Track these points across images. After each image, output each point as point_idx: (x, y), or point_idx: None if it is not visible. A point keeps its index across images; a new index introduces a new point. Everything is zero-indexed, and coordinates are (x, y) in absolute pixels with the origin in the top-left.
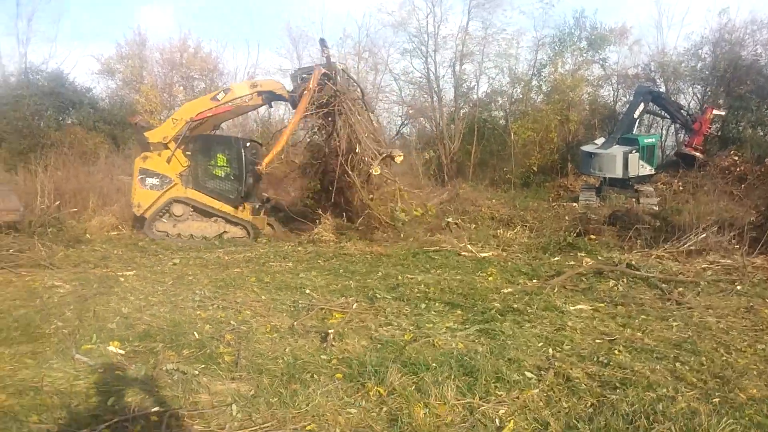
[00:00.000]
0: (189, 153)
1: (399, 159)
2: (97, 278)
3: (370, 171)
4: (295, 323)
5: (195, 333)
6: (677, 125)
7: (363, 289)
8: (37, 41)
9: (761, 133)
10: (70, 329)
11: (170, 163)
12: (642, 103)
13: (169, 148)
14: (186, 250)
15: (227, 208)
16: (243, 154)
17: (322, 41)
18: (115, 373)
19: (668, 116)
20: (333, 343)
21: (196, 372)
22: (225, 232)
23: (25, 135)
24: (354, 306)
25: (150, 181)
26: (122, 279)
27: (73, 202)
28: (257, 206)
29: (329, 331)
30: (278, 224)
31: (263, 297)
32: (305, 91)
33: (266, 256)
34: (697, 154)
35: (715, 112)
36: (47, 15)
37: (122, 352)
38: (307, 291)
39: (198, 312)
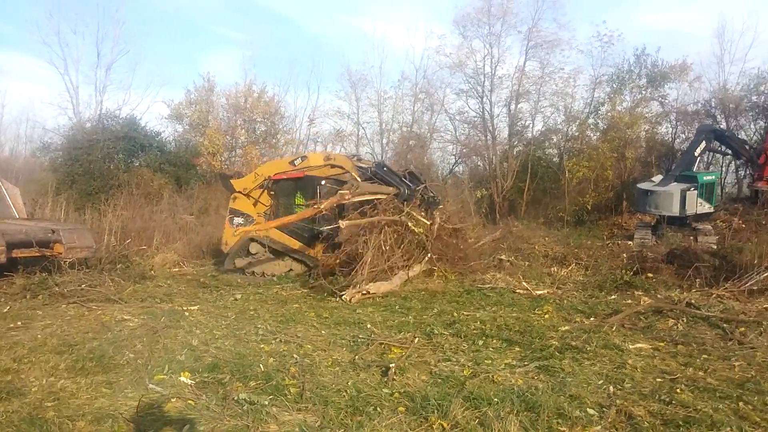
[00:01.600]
0: (272, 193)
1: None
2: (164, 312)
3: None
4: (356, 357)
5: (260, 365)
6: (742, 161)
7: (420, 325)
8: (113, 89)
9: None
10: (143, 360)
11: (256, 204)
12: (704, 141)
13: (251, 197)
14: (245, 286)
15: (302, 247)
16: (318, 192)
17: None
18: (188, 402)
19: (732, 153)
20: (394, 377)
21: (265, 402)
22: (291, 269)
23: (95, 177)
24: (414, 341)
25: (237, 220)
26: (187, 313)
27: (139, 240)
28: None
29: (390, 365)
30: None
31: (323, 332)
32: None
33: (322, 291)
34: None
35: None
36: (124, 64)
37: (192, 382)
38: (368, 326)
39: (261, 345)
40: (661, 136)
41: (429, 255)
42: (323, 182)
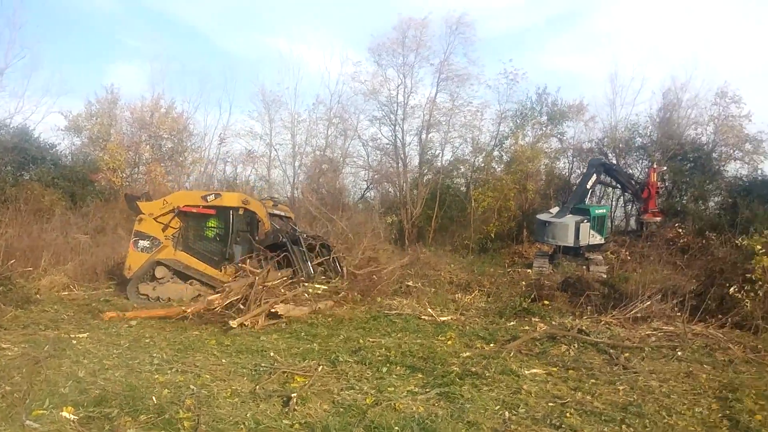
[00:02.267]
0: (179, 218)
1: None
2: (49, 340)
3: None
4: (257, 387)
5: (153, 398)
6: (628, 194)
7: (325, 352)
8: (5, 96)
9: (702, 207)
10: (20, 394)
11: (165, 229)
12: (595, 174)
13: (159, 221)
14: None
15: (210, 270)
16: (231, 216)
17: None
18: None
19: (620, 187)
20: (295, 408)
21: None
22: (199, 295)
23: None
24: (318, 369)
25: (142, 243)
26: (75, 341)
27: (24, 261)
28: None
29: (292, 394)
30: None
31: (224, 360)
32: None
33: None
34: (657, 219)
35: (656, 169)
36: (19, 70)
37: (75, 417)
38: (271, 354)
39: (156, 376)
40: (559, 170)
41: (341, 294)
42: (240, 211)
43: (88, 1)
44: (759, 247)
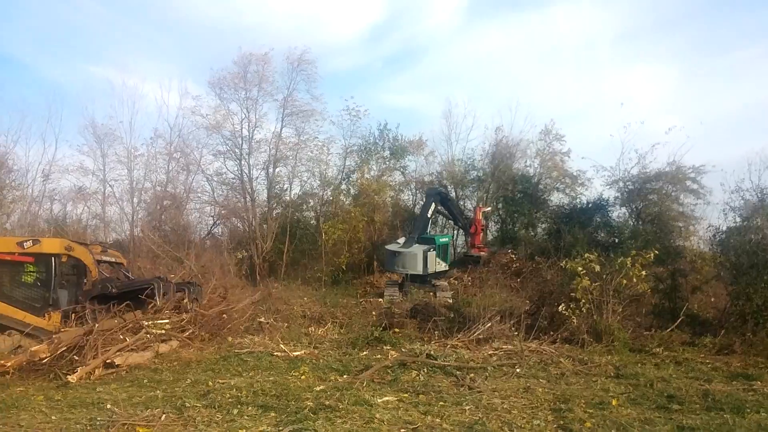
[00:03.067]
0: None
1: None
2: None
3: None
4: None
5: None
6: (458, 227)
7: (170, 399)
8: None
9: (532, 233)
10: None
11: None
12: (433, 203)
13: None
14: None
15: (31, 318)
16: (53, 263)
17: None
18: None
19: (452, 218)
20: None
21: None
22: (20, 346)
23: None
24: (162, 418)
25: None
26: None
27: None
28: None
29: None
30: None
31: (53, 417)
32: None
33: (60, 369)
34: (482, 253)
35: (482, 210)
36: None
37: None
38: (108, 406)
39: None
40: (404, 202)
41: (188, 332)
42: (63, 259)
43: None
44: (580, 268)
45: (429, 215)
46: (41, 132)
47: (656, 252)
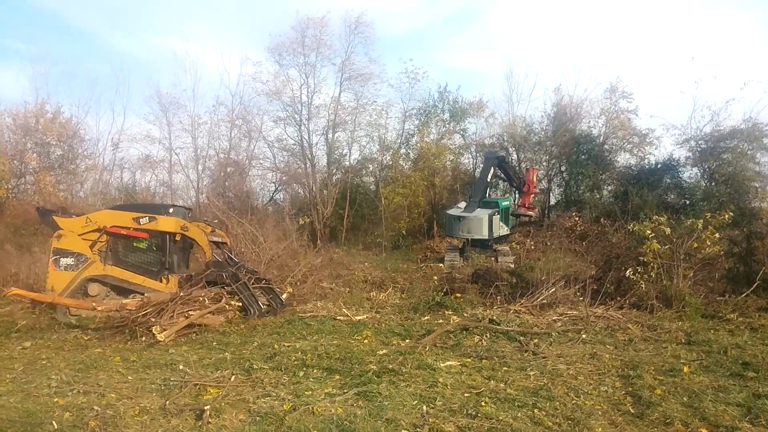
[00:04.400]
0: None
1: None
2: None
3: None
4: (167, 402)
5: (53, 422)
6: (514, 187)
7: (239, 361)
8: None
9: (597, 196)
10: None
11: (94, 245)
12: (492, 168)
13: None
14: (38, 330)
15: (150, 282)
16: (167, 240)
17: None
18: None
19: (507, 180)
20: (209, 420)
21: None
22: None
23: None
24: (231, 379)
25: (65, 261)
26: None
27: None
28: (184, 276)
29: (205, 407)
30: None
31: (130, 377)
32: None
33: (136, 331)
34: (530, 213)
35: (534, 171)
36: None
37: None
38: (181, 366)
39: (55, 399)
40: (464, 166)
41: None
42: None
43: None
44: (648, 231)
45: (489, 179)
46: (110, 102)
47: (730, 213)
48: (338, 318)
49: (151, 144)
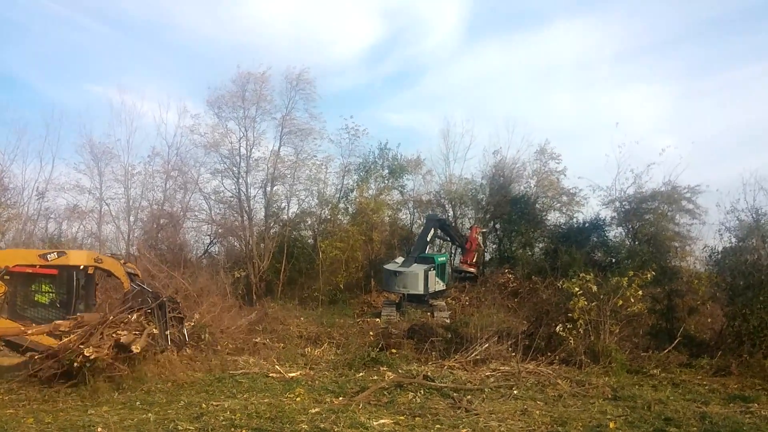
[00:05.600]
0: (7, 278)
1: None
2: None
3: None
4: None
5: None
6: (456, 245)
7: (163, 422)
8: None
9: (529, 253)
10: None
11: None
12: (432, 229)
13: None
14: None
15: (50, 340)
16: (75, 276)
17: None
18: None
19: (450, 240)
20: None
21: None
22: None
23: None
24: None
25: None
26: None
27: None
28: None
29: None
30: None
31: None
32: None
33: (54, 390)
34: (471, 269)
35: (478, 230)
36: None
37: None
38: (99, 430)
39: None
40: (402, 221)
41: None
42: (81, 267)
43: None
44: (576, 288)
45: (428, 239)
46: (38, 150)
47: (653, 272)
48: (271, 375)
49: (80, 194)
